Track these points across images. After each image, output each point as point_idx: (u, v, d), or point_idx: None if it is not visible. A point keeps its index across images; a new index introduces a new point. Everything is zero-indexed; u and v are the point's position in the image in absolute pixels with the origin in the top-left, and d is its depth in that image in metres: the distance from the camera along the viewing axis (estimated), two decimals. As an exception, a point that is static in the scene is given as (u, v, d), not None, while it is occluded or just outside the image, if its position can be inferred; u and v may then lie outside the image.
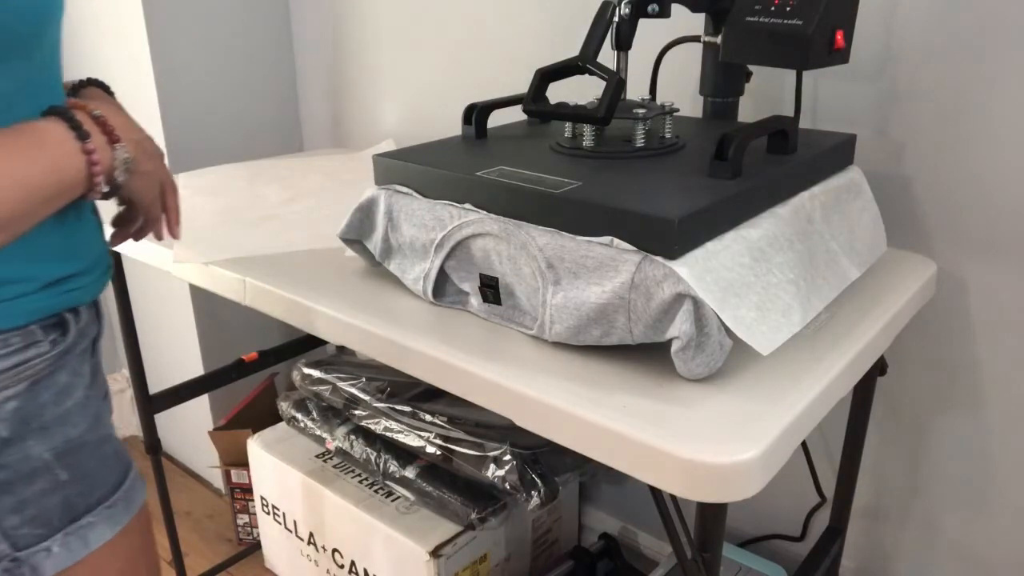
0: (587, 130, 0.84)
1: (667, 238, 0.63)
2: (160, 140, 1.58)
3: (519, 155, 0.84)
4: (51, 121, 0.59)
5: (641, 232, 0.65)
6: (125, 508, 0.69)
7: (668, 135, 0.86)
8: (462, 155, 0.86)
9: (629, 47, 0.84)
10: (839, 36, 0.79)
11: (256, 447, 1.41)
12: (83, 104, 0.63)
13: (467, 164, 0.81)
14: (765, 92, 1.04)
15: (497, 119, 0.98)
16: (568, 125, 0.88)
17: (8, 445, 0.59)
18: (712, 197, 0.67)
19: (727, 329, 0.64)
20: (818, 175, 0.83)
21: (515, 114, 0.98)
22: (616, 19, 0.83)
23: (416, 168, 0.82)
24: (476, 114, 0.93)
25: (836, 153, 0.86)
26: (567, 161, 0.81)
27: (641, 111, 0.82)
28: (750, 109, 1.05)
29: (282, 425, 1.45)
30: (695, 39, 0.96)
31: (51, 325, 0.62)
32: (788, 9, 0.76)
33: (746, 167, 0.74)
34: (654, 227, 0.64)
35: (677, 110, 0.87)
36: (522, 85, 0.90)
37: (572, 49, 1.19)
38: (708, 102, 0.97)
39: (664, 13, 0.84)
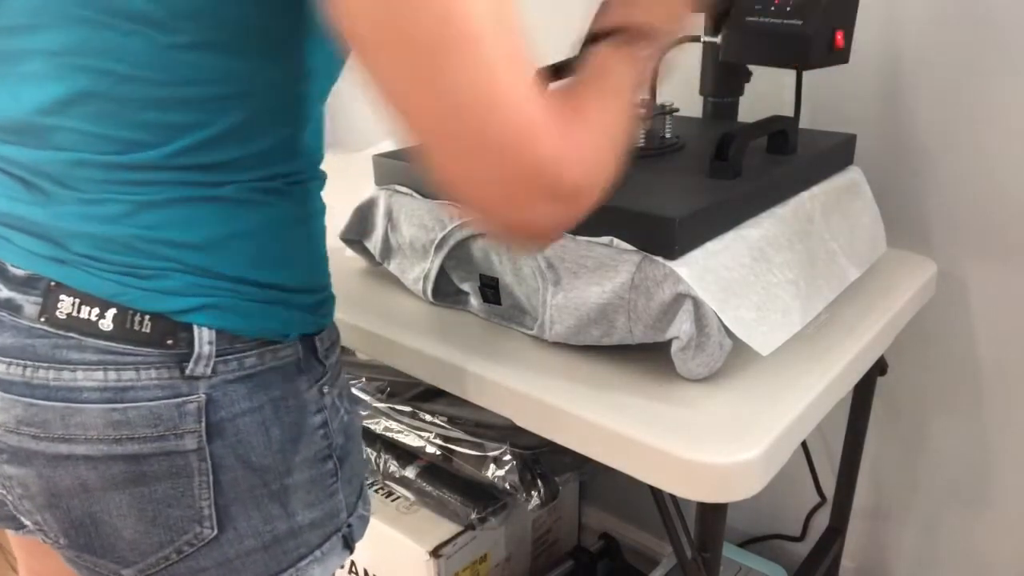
0: None
1: (667, 238, 0.63)
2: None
3: None
4: (612, 47, 0.57)
5: (641, 232, 0.65)
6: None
7: (668, 135, 0.86)
8: None
9: None
10: (839, 36, 0.79)
11: (256, 447, 1.41)
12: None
13: None
14: (765, 92, 1.04)
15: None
16: None
17: (351, 418, 0.63)
18: (712, 197, 0.67)
19: (727, 329, 0.64)
20: (818, 175, 0.83)
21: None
22: None
23: (416, 167, 0.81)
24: None
25: (836, 153, 0.86)
26: None
27: (640, 111, 0.82)
28: (750, 109, 1.04)
29: (282, 425, 1.45)
30: (695, 39, 0.96)
31: None
32: (788, 9, 0.76)
33: (746, 167, 0.74)
34: (654, 227, 0.64)
35: (677, 110, 0.87)
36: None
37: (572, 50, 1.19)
38: (708, 102, 0.97)
39: None
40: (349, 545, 0.64)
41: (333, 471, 0.61)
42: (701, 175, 0.74)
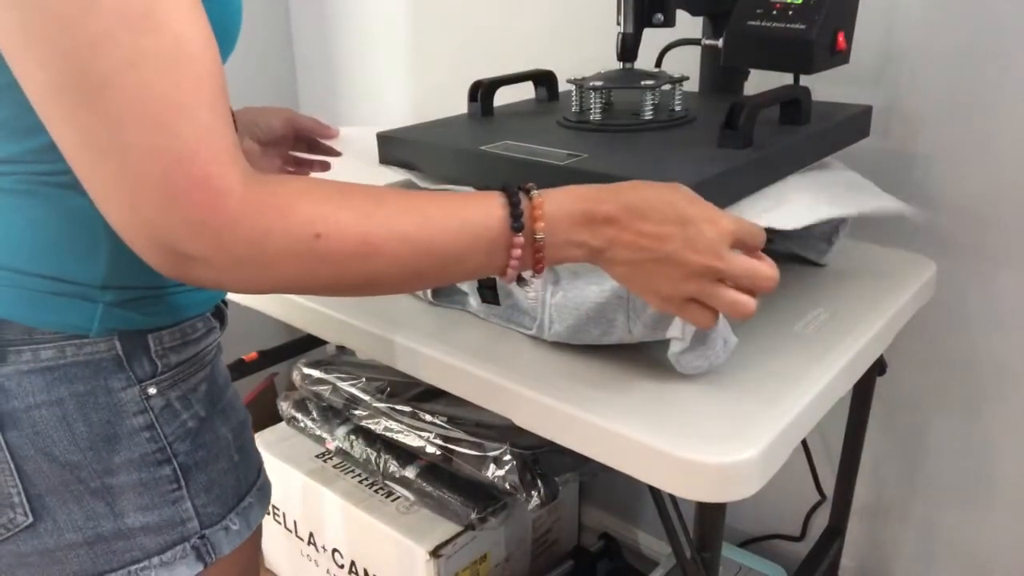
0: (595, 104, 0.82)
1: None
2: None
3: (525, 130, 0.82)
4: (497, 202, 0.53)
5: None
6: (268, 491, 0.70)
7: (678, 108, 0.84)
8: (467, 131, 0.85)
9: (635, 59, 0.84)
10: (840, 37, 0.78)
11: (256, 447, 1.41)
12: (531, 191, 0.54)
13: (471, 139, 0.79)
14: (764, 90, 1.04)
15: (504, 99, 0.97)
16: (575, 99, 0.86)
17: (203, 424, 0.62)
18: (720, 166, 0.66)
19: (729, 324, 0.64)
20: (832, 146, 0.81)
21: (525, 93, 0.97)
22: (620, 31, 0.82)
23: (420, 144, 0.81)
24: (482, 91, 0.91)
25: (851, 124, 0.84)
26: (574, 135, 0.80)
27: (650, 81, 0.80)
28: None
29: (282, 425, 1.45)
30: (695, 42, 0.96)
31: (215, 313, 0.66)
32: (790, 13, 0.76)
33: (758, 137, 0.72)
34: None
35: (687, 78, 0.85)
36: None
37: (574, 49, 1.19)
38: (708, 102, 0.97)
39: (669, 22, 0.83)
40: (203, 558, 0.62)
41: (172, 477, 0.59)
42: (711, 146, 0.72)
